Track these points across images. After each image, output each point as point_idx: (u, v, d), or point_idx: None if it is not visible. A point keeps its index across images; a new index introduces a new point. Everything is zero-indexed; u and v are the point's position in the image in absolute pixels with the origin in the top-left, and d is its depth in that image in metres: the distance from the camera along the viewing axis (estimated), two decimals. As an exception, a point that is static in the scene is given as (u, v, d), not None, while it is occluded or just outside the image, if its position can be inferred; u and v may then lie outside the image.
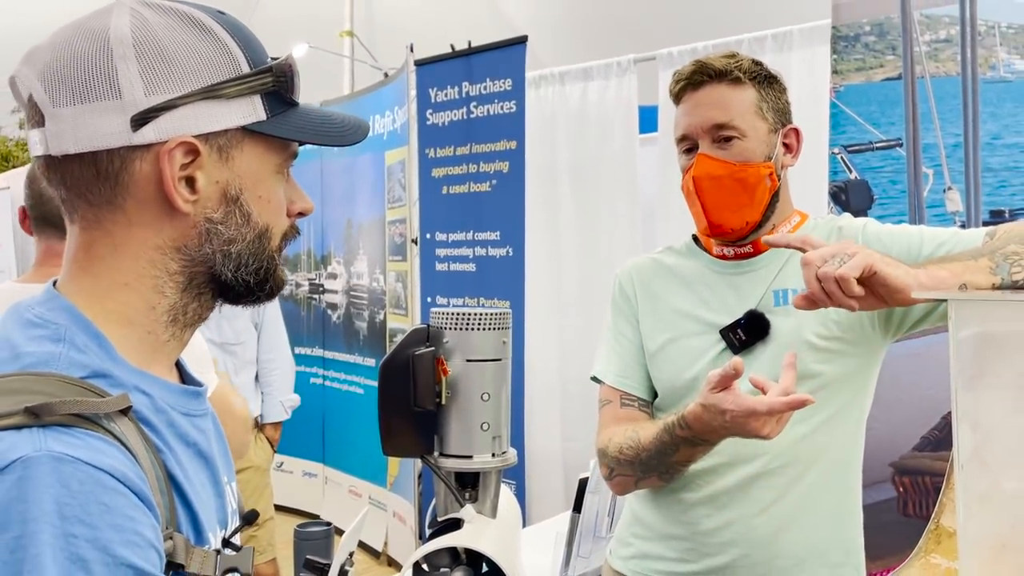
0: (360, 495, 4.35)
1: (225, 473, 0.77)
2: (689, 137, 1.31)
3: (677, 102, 1.34)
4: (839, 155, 2.18)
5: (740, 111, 1.28)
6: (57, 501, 0.56)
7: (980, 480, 0.63)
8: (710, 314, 1.32)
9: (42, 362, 0.64)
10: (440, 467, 1.16)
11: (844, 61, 2.19)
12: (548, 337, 3.51)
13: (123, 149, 0.68)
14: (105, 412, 0.62)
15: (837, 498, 1.32)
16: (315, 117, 0.75)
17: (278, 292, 0.77)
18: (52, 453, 0.58)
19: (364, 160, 4.34)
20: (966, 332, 0.68)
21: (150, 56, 0.67)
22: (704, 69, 1.29)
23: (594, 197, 3.40)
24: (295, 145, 0.75)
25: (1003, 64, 2.06)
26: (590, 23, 4.96)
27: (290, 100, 0.73)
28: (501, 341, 1.20)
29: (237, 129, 0.70)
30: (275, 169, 0.74)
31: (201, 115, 0.68)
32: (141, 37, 0.67)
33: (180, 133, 0.68)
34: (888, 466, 2.10)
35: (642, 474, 1.29)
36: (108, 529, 0.57)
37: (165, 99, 0.67)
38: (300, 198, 0.77)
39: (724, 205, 1.28)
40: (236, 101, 0.70)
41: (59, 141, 0.68)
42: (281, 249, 0.76)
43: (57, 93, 0.67)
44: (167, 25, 0.69)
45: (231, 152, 0.71)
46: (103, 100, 0.67)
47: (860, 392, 1.32)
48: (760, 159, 1.29)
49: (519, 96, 3.24)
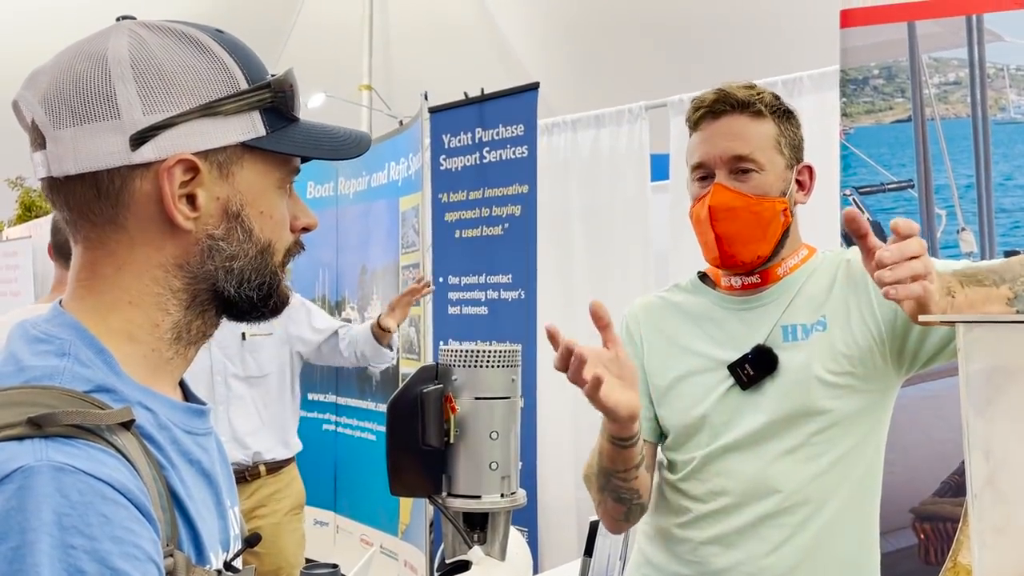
0: (371, 543, 4.29)
1: (228, 497, 0.76)
2: (706, 165, 1.29)
3: (695, 128, 1.32)
4: (851, 197, 2.18)
5: (760, 144, 1.27)
6: (56, 511, 0.56)
7: (995, 510, 0.61)
8: (718, 350, 1.31)
9: (46, 375, 0.65)
10: (448, 507, 1.14)
11: (853, 104, 2.20)
12: (560, 382, 3.49)
13: (123, 168, 0.68)
14: (107, 424, 0.62)
15: (851, 539, 1.28)
16: (316, 132, 0.75)
17: (282, 308, 0.77)
18: (53, 463, 0.58)
19: (379, 206, 4.38)
20: (977, 358, 0.67)
21: (148, 76, 0.68)
22: (726, 98, 1.28)
23: (606, 243, 3.41)
24: (296, 160, 0.76)
25: (1013, 106, 2.07)
26: (601, 70, 5.03)
27: (290, 116, 0.73)
28: (510, 379, 1.19)
29: (237, 145, 0.71)
30: (276, 184, 0.74)
31: (200, 132, 0.69)
32: (139, 57, 0.68)
33: (179, 151, 0.68)
34: (908, 512, 2.05)
35: (600, 493, 1.28)
36: (107, 541, 0.57)
37: (163, 118, 0.68)
38: (303, 213, 0.77)
39: (737, 237, 1.27)
40: (235, 118, 0.70)
41: (60, 162, 0.69)
42: (284, 264, 0.76)
43: (57, 115, 0.68)
44: (164, 45, 0.70)
45: (231, 168, 0.71)
46: (102, 120, 0.67)
47: (874, 430, 1.29)
48: (776, 194, 1.28)
49: (531, 141, 3.28)
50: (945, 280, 1.08)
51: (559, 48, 5.45)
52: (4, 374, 0.66)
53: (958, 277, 1.10)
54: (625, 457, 1.20)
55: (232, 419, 2.75)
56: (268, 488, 2.84)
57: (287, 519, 2.91)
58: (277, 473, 2.86)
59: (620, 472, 1.23)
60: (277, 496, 2.86)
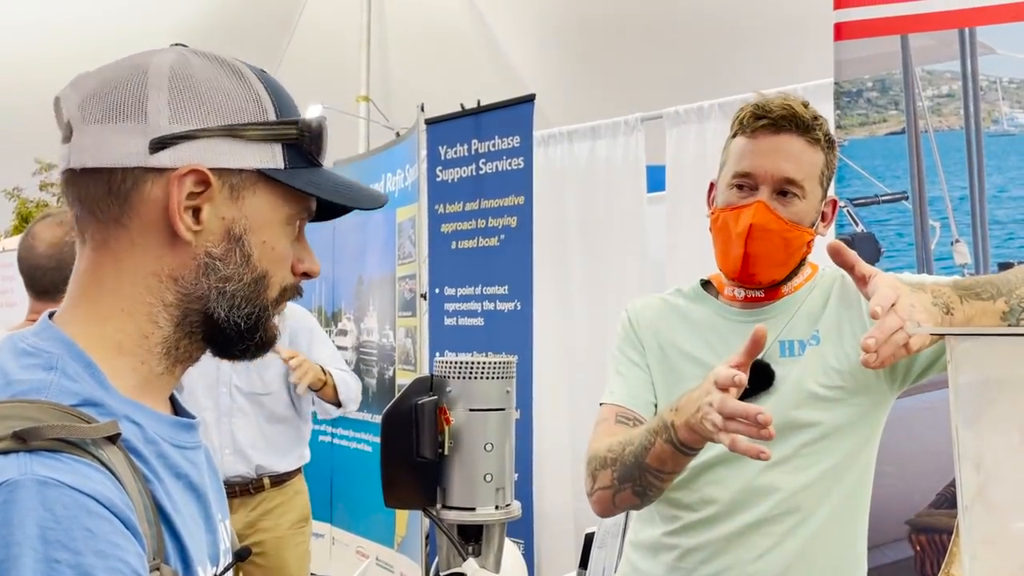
0: (367, 556, 4.27)
1: (219, 510, 0.76)
2: (753, 177, 1.26)
3: (747, 133, 1.27)
4: (845, 208, 2.19)
5: (809, 172, 1.26)
6: (40, 525, 0.56)
7: (985, 522, 0.61)
8: (716, 360, 1.31)
9: (33, 389, 0.65)
10: (442, 519, 1.14)
11: (848, 116, 2.22)
12: (557, 393, 3.49)
13: (137, 170, 0.70)
14: (93, 439, 0.62)
15: (838, 550, 1.29)
16: (335, 179, 0.77)
17: (268, 347, 0.77)
18: (38, 477, 0.58)
19: (376, 218, 4.38)
20: (967, 370, 0.68)
21: (181, 88, 0.70)
22: (793, 118, 1.25)
23: (602, 254, 3.42)
24: (312, 203, 0.77)
25: (1006, 118, 2.08)
26: (596, 82, 5.05)
27: (313, 159, 0.75)
28: (505, 390, 1.19)
29: (253, 172, 0.72)
30: (285, 220, 0.75)
31: (219, 150, 0.70)
32: (177, 71, 0.71)
33: (194, 162, 0.70)
34: (904, 524, 2.05)
35: (619, 482, 1.24)
36: (91, 555, 0.57)
37: (186, 129, 0.70)
38: (309, 258, 0.78)
39: (764, 258, 1.27)
40: (257, 145, 0.72)
41: (80, 154, 0.70)
42: (279, 303, 0.76)
43: (90, 111, 0.70)
44: (205, 66, 0.72)
45: (243, 192, 0.72)
46: (129, 121, 0.69)
47: (865, 442, 1.30)
48: (807, 224, 1.28)
49: (527, 152, 3.29)
50: (943, 296, 1.08)
51: (555, 60, 5.47)
52: None
53: (957, 291, 1.10)
54: (681, 462, 1.18)
55: (235, 431, 2.74)
56: (272, 501, 2.82)
57: (290, 533, 2.88)
58: (281, 486, 2.84)
59: (666, 473, 1.19)
60: (280, 510, 2.84)
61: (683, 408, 1.13)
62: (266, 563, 2.78)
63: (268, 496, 2.80)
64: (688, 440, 1.14)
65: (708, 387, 1.09)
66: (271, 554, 2.80)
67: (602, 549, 1.74)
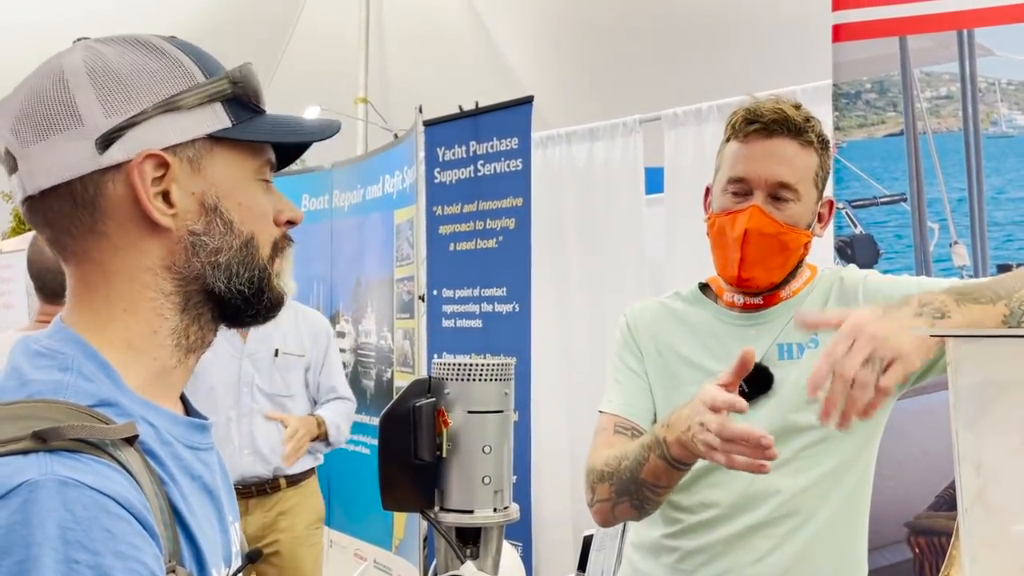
0: (365, 558, 4.27)
1: (230, 512, 0.76)
2: (747, 182, 1.26)
3: (740, 138, 1.27)
4: (843, 210, 2.19)
5: (803, 175, 1.26)
6: (61, 526, 0.56)
7: (985, 525, 0.61)
8: (714, 364, 1.31)
9: (50, 390, 0.65)
10: (440, 522, 1.14)
11: (846, 118, 2.22)
12: (556, 395, 3.49)
13: (95, 174, 0.68)
14: (112, 439, 0.62)
15: (838, 553, 1.29)
16: (283, 120, 0.76)
17: (278, 305, 0.77)
18: (58, 477, 0.58)
19: (374, 219, 4.38)
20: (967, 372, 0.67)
21: (105, 80, 0.69)
22: (785, 121, 1.25)
23: (600, 256, 3.42)
24: (270, 152, 0.76)
25: (1004, 119, 2.08)
26: (595, 84, 5.05)
27: (255, 108, 0.74)
28: (503, 392, 1.19)
29: (204, 139, 0.71)
30: (251, 176, 0.74)
31: (164, 128, 0.69)
32: (94, 66, 0.69)
33: (146, 148, 0.69)
34: (903, 526, 2.05)
35: (617, 495, 1.25)
36: (111, 556, 0.57)
37: (125, 118, 0.68)
38: (287, 207, 0.77)
39: (761, 262, 1.27)
40: (197, 111, 0.71)
41: (33, 179, 0.69)
42: (274, 259, 0.76)
43: (24, 134, 0.69)
44: (118, 52, 0.70)
45: (202, 162, 0.71)
46: (66, 130, 0.68)
47: (864, 445, 1.30)
48: (804, 226, 1.28)
49: (525, 154, 3.29)
50: (935, 303, 1.08)
51: (554, 62, 5.47)
52: (7, 388, 0.66)
53: (954, 296, 1.10)
54: (675, 477, 1.20)
55: (255, 431, 2.74)
56: (289, 501, 2.82)
57: (306, 533, 2.88)
58: (297, 486, 2.84)
59: (661, 487, 1.22)
60: (296, 510, 2.83)
61: (674, 425, 1.14)
62: (282, 563, 2.78)
63: (284, 496, 2.80)
64: (680, 456, 1.15)
65: (698, 406, 1.09)
66: (287, 554, 2.80)
67: (600, 552, 1.74)
